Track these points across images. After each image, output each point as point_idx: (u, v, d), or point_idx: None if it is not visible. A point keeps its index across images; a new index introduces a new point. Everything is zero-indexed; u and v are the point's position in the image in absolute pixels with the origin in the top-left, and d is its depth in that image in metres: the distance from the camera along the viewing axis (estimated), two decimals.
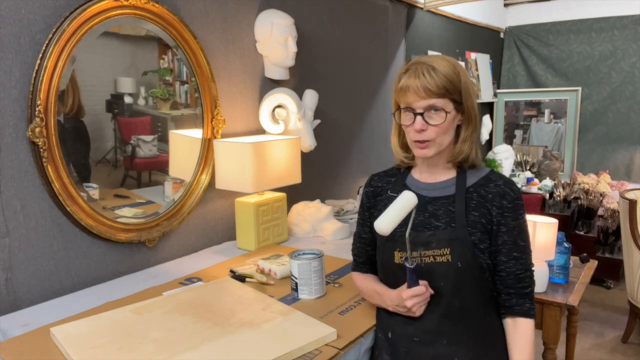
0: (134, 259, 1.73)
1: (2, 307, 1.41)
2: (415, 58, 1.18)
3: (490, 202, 1.16)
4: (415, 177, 1.26)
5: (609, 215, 3.79)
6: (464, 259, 1.13)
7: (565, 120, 4.53)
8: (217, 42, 1.97)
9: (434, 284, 1.15)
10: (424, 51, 3.54)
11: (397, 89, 1.17)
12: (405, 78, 1.13)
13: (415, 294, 1.12)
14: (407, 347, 1.19)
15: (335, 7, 2.61)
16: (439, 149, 1.17)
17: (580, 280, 2.15)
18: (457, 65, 1.15)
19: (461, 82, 1.14)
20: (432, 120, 1.13)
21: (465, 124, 1.19)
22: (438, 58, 1.15)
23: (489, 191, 1.17)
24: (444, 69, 1.12)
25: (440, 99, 1.12)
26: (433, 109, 1.12)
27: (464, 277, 1.14)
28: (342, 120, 2.76)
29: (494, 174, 1.22)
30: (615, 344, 2.91)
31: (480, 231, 1.15)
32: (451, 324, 1.15)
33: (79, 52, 1.49)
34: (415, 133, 1.14)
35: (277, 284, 1.55)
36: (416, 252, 1.16)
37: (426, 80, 1.10)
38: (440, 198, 1.20)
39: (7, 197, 1.40)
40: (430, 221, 1.18)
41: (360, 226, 1.33)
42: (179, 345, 1.11)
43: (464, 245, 1.14)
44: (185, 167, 1.90)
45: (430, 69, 1.11)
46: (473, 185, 1.19)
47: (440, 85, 1.11)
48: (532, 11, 4.67)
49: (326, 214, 2.13)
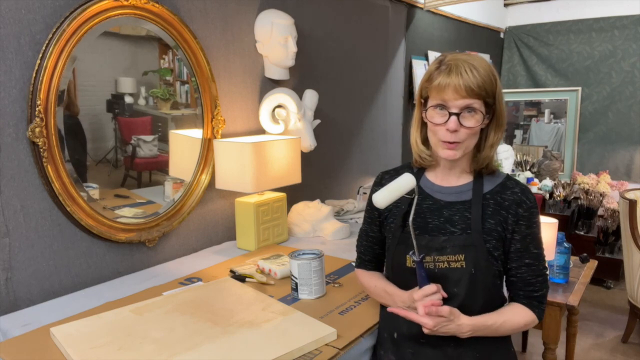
0: (134, 259, 1.73)
1: (2, 307, 1.41)
2: (448, 54, 1.12)
3: (506, 210, 1.14)
4: (430, 179, 1.23)
5: (609, 215, 3.79)
6: (478, 266, 1.12)
7: (565, 120, 4.53)
8: (217, 42, 1.97)
9: (447, 289, 1.13)
10: (424, 51, 3.54)
11: (429, 85, 1.11)
12: (443, 75, 1.08)
13: (426, 294, 1.08)
14: (414, 348, 1.17)
15: (335, 7, 2.61)
16: (465, 151, 1.14)
17: (580, 280, 2.15)
18: (492, 67, 1.12)
19: (497, 85, 1.11)
20: (466, 121, 1.09)
21: (494, 128, 1.15)
22: (476, 57, 1.11)
23: (506, 198, 1.15)
24: (484, 70, 1.08)
25: (477, 100, 1.08)
26: (469, 109, 1.08)
27: (477, 283, 1.12)
28: (342, 120, 2.76)
29: (510, 180, 1.20)
30: (615, 344, 2.91)
31: (495, 239, 1.13)
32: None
33: (79, 52, 1.49)
34: (447, 133, 1.10)
35: (277, 284, 1.55)
36: (430, 257, 1.14)
37: (469, 78, 1.06)
38: (456, 203, 1.18)
39: (7, 197, 1.40)
40: (446, 226, 1.16)
41: (368, 224, 1.31)
42: (179, 345, 1.11)
43: (478, 252, 1.12)
44: (185, 167, 1.90)
45: (472, 68, 1.07)
46: (490, 191, 1.17)
47: (481, 86, 1.07)
48: (532, 11, 4.67)
49: (326, 214, 2.13)
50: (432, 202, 1.20)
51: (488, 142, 1.16)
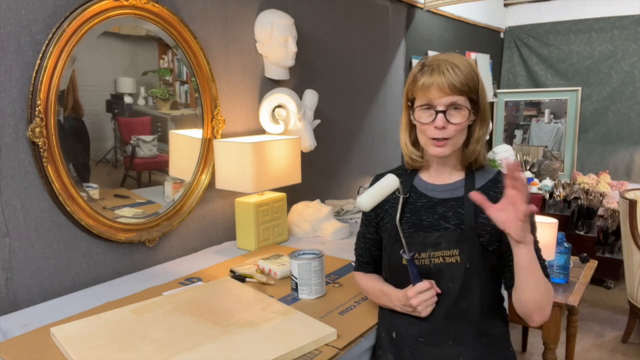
0: (134, 259, 1.73)
1: (2, 307, 1.41)
2: (429, 57, 1.17)
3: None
4: (424, 178, 1.26)
5: (609, 215, 3.79)
6: (473, 260, 1.14)
7: (565, 120, 4.53)
8: (217, 42, 1.97)
9: (442, 284, 1.15)
10: (424, 51, 3.54)
11: (414, 87, 1.16)
12: (426, 75, 1.12)
13: (419, 291, 1.13)
14: (412, 347, 1.18)
15: (335, 7, 2.61)
16: (454, 148, 1.17)
17: (580, 280, 2.15)
18: (473, 64, 1.16)
19: (479, 81, 1.15)
20: (453, 118, 1.13)
21: (479, 123, 1.19)
22: (457, 56, 1.15)
23: (498, 192, 1.17)
24: (466, 67, 1.12)
25: (461, 96, 1.12)
26: (454, 106, 1.12)
27: (472, 278, 1.14)
28: (342, 120, 2.76)
29: (501, 174, 1.22)
30: (615, 344, 2.91)
31: (489, 233, 1.15)
32: (457, 325, 1.15)
33: (79, 52, 1.49)
34: (435, 131, 1.13)
35: (277, 284, 1.55)
36: (425, 253, 1.16)
37: (451, 76, 1.10)
38: (449, 200, 1.21)
39: (7, 197, 1.40)
40: (440, 222, 1.18)
41: (365, 226, 1.33)
42: (179, 345, 1.11)
43: (472, 246, 1.14)
44: (185, 167, 1.90)
45: (453, 66, 1.11)
46: (482, 187, 1.20)
47: (464, 83, 1.11)
48: (532, 11, 4.67)
49: (326, 214, 2.13)
50: (426, 200, 1.23)
51: (474, 137, 1.20)
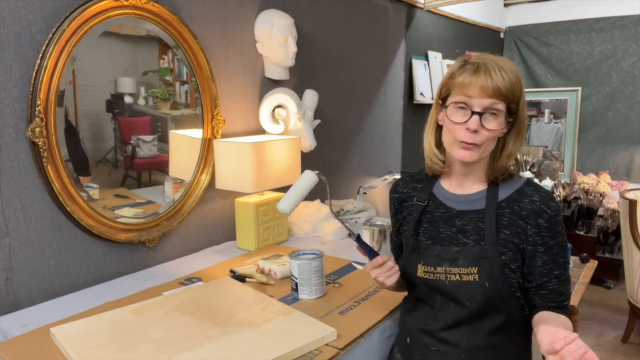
0: (134, 259, 1.73)
1: (2, 307, 1.41)
2: (472, 54, 1.08)
3: (524, 220, 1.07)
4: (444, 187, 1.19)
5: (609, 215, 3.79)
6: (493, 279, 1.06)
7: (565, 120, 4.53)
8: (217, 42, 1.97)
9: (460, 303, 1.09)
10: (424, 51, 3.54)
11: (453, 82, 1.06)
12: (468, 72, 1.03)
13: (374, 266, 1.14)
14: (424, 355, 1.16)
15: (335, 7, 2.61)
16: (482, 156, 1.08)
17: (580, 280, 2.14)
18: (519, 72, 1.07)
19: (522, 91, 1.06)
20: (488, 123, 1.04)
21: (514, 136, 1.10)
22: (504, 59, 1.06)
23: (523, 207, 1.08)
24: (513, 73, 1.04)
25: (502, 102, 1.03)
26: (492, 111, 1.03)
27: (491, 297, 1.06)
28: (342, 120, 2.76)
29: (529, 186, 1.12)
30: (615, 344, 2.91)
31: (511, 250, 1.07)
32: (471, 339, 1.10)
33: (79, 52, 1.49)
34: (465, 133, 1.04)
35: (277, 284, 1.55)
36: (441, 268, 1.10)
37: (497, 78, 1.01)
38: (468, 212, 1.12)
39: (7, 197, 1.40)
40: (458, 237, 1.11)
41: (394, 229, 1.31)
42: (179, 345, 1.11)
43: (493, 264, 1.06)
44: (185, 167, 1.90)
45: (500, 69, 1.02)
46: (505, 199, 1.10)
47: (509, 88, 1.02)
48: (532, 11, 4.67)
49: (326, 214, 2.13)
50: (445, 210, 1.16)
51: (506, 151, 1.11)
